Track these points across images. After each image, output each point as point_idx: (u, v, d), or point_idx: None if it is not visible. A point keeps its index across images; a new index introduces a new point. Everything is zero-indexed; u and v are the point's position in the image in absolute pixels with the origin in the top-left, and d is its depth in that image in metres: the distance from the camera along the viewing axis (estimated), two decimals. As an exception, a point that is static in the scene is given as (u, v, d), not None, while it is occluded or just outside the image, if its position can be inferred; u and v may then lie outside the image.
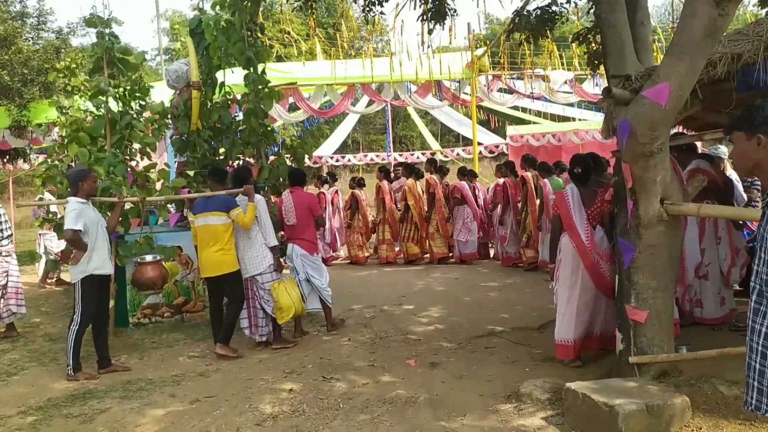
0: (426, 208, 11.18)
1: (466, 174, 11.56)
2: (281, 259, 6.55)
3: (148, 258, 6.46)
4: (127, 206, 6.91)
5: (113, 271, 6.60)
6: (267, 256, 6.18)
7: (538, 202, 9.87)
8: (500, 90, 14.68)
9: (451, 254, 11.34)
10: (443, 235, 11.14)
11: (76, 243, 5.39)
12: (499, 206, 10.86)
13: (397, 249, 11.60)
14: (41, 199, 9.36)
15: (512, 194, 10.49)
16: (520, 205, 10.36)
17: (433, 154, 23.99)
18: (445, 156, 23.81)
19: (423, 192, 11.36)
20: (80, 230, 5.40)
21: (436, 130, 34.66)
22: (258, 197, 6.24)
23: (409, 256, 11.39)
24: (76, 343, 5.49)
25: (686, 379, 4.26)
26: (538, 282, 9.08)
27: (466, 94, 14.75)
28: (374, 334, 6.59)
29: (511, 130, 19.03)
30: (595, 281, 5.02)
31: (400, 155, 24.42)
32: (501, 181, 10.85)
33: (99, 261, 5.56)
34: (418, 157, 23.61)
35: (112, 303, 6.66)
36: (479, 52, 13.71)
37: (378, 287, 9.26)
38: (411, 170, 11.55)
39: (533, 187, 9.96)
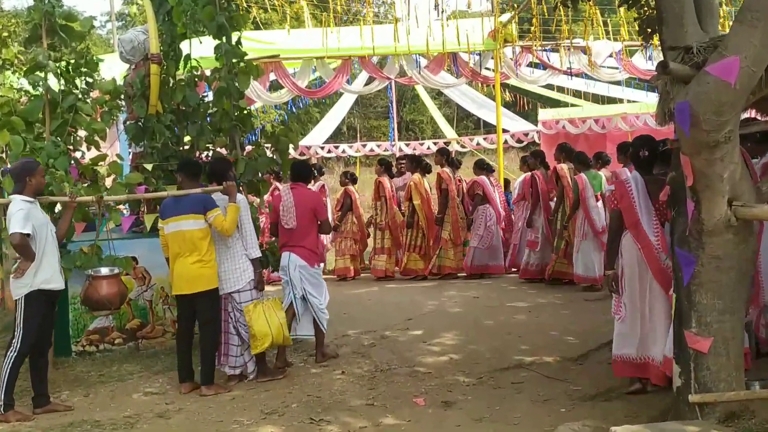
0: (436, 210, 11.20)
1: (485, 167, 11.59)
2: (270, 273, 6.55)
3: (104, 271, 6.47)
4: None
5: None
6: (248, 270, 6.21)
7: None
8: (530, 65, 14.68)
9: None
10: (455, 242, 11.15)
11: (24, 250, 5.41)
12: (525, 205, 10.88)
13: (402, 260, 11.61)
14: None
15: (542, 190, 10.51)
16: (554, 204, 10.36)
17: (447, 143, 24.03)
18: (463, 146, 23.82)
19: (430, 190, 11.38)
20: (29, 234, 5.42)
21: (451, 114, 34.74)
22: (240, 197, 6.28)
23: (406, 270, 11.42)
24: (12, 375, 5.48)
25: (760, 422, 4.24)
26: (576, 301, 9.08)
27: (489, 69, 14.75)
28: (374, 366, 6.58)
29: (544, 114, 19.05)
30: (667, 289, 5.06)
31: (407, 145, 24.43)
32: (528, 174, 10.88)
33: (48, 273, 5.57)
34: (428, 148, 23.63)
35: (51, 326, 6.67)
36: (504, 17, 13.72)
37: (378, 308, 9.26)
38: (417, 163, 11.56)
39: (569, 182, 9.93)
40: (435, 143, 24.15)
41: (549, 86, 18.17)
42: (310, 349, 7.11)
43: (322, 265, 11.58)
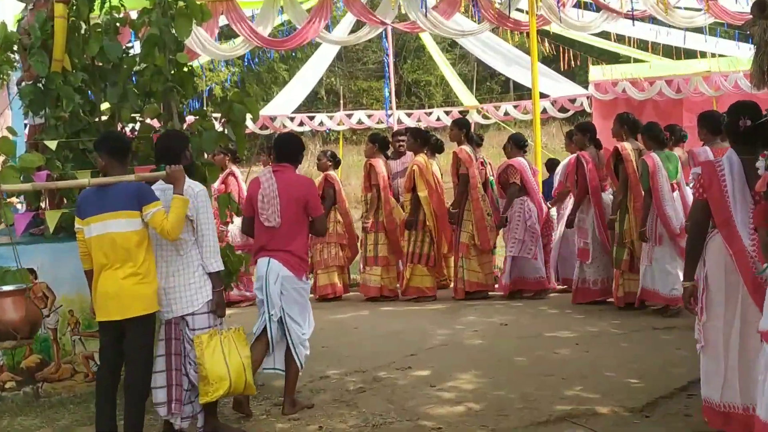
0: (452, 204, 11.23)
1: (521, 146, 11.58)
2: (232, 292, 6.52)
3: (6, 288, 6.45)
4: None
5: None
6: (206, 287, 6.16)
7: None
8: (578, 5, 14.71)
9: (495, 284, 11.40)
10: (482, 248, 11.20)
11: None
12: (570, 198, 10.91)
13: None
14: None
15: (592, 178, 10.41)
16: (613, 197, 10.27)
17: (464, 113, 24.08)
18: (485, 116, 23.92)
19: (441, 176, 11.41)
20: None
21: (470, 73, 34.82)
22: (198, 187, 6.20)
23: (409, 289, 11.47)
24: None
25: None
26: (642, 329, 9.09)
27: (521, 11, 14.77)
28: (363, 420, 6.56)
29: (597, 72, 19.08)
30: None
31: (408, 115, 24.50)
32: (573, 156, 10.88)
33: None
34: (438, 119, 23.71)
35: None
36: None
37: (370, 339, 9.26)
38: (423, 140, 11.56)
39: (635, 167, 9.86)
40: (447, 113, 24.24)
41: (604, 35, 18.22)
42: (275, 394, 7.10)
43: (311, 279, 11.56)
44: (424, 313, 10.56)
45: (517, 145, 11.54)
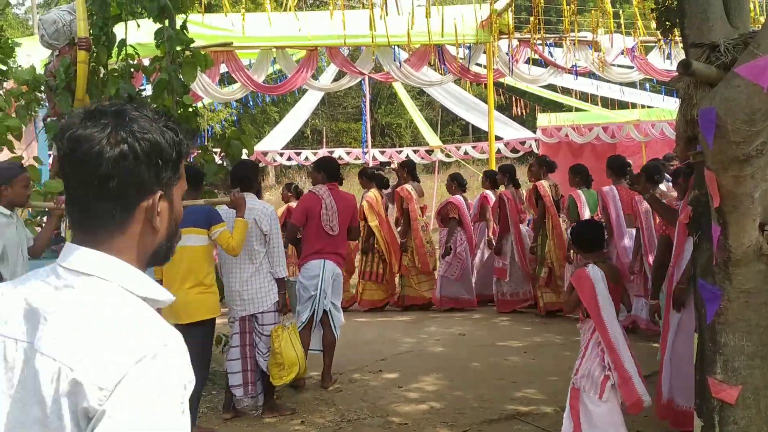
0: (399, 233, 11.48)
1: (462, 184, 11.87)
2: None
3: None
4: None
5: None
6: (273, 290, 6.50)
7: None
8: (528, 61, 14.83)
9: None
10: (422, 270, 11.38)
11: None
12: (481, 227, 11.46)
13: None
14: None
15: (512, 213, 10.72)
16: (532, 227, 10.67)
17: (429, 151, 24.15)
18: (448, 155, 23.97)
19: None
20: None
21: (435, 117, 34.97)
22: (270, 208, 6.52)
23: (363, 301, 11.61)
24: None
25: (795, 486, 4.28)
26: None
27: (480, 65, 14.87)
28: (339, 416, 6.56)
29: (544, 119, 19.24)
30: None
31: (382, 153, 24.53)
32: (486, 192, 11.56)
33: None
34: (407, 156, 23.75)
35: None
36: (499, 5, 13.86)
37: (346, 347, 9.22)
38: (368, 177, 11.68)
39: (552, 200, 10.31)
40: (415, 151, 24.29)
41: (550, 87, 18.35)
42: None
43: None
44: (393, 324, 10.54)
45: (459, 184, 11.70)
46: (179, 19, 8.05)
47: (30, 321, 1.49)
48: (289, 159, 23.16)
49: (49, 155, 8.87)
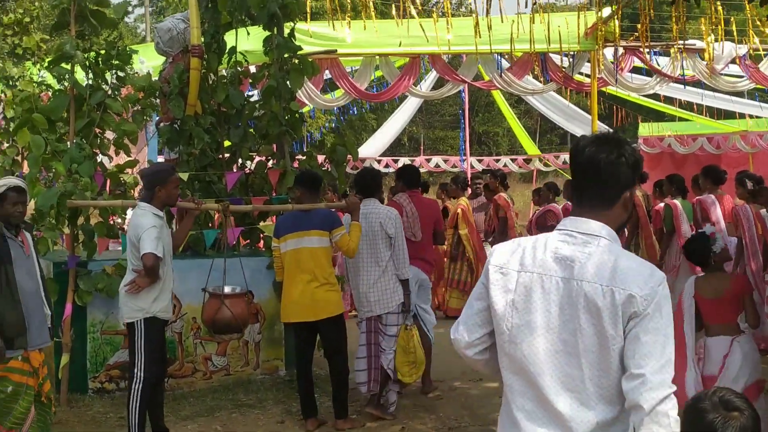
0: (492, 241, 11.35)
1: (558, 193, 11.73)
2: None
3: (227, 289, 6.60)
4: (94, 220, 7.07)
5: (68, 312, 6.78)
6: (398, 292, 6.60)
7: None
8: (633, 70, 14.54)
9: None
10: None
11: (153, 273, 5.62)
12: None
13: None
14: None
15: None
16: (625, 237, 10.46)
17: (527, 160, 23.93)
18: (546, 164, 23.72)
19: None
20: (161, 258, 5.64)
21: (533, 126, 34.64)
22: (394, 212, 6.65)
23: (450, 309, 11.46)
24: (142, 409, 5.69)
25: None
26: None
27: (582, 74, 14.65)
28: (440, 423, 6.53)
29: (646, 129, 18.82)
30: None
31: (480, 161, 24.42)
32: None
33: (165, 301, 5.84)
34: (505, 165, 23.60)
35: (66, 358, 6.82)
36: (605, 12, 13.62)
37: (445, 354, 9.16)
38: (500, 179, 11.72)
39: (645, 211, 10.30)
40: (513, 160, 24.11)
41: (653, 96, 17.96)
42: (362, 398, 7.07)
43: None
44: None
45: (555, 192, 11.60)
46: (287, 28, 8.18)
47: (561, 264, 2.36)
48: (387, 166, 23.19)
49: (161, 159, 9.09)
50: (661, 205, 9.85)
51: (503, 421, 2.46)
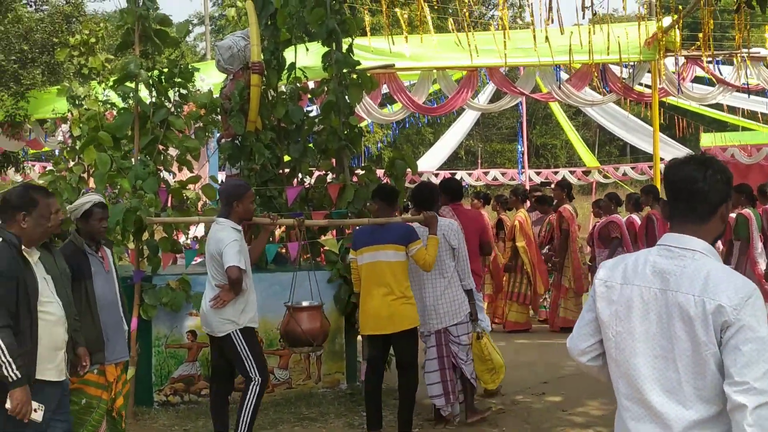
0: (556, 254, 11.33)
1: (620, 203, 11.53)
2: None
3: (305, 303, 6.69)
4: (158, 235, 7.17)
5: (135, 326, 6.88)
6: (465, 302, 6.64)
7: None
8: (695, 79, 14.32)
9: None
10: (576, 291, 11.20)
11: (237, 286, 5.77)
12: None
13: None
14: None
15: (660, 230, 10.23)
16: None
17: (586, 172, 23.71)
18: (606, 176, 23.47)
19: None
20: (245, 270, 5.79)
21: (592, 137, 34.31)
22: (456, 225, 6.69)
23: (509, 322, 11.37)
24: (255, 411, 5.89)
25: None
26: None
27: (643, 85, 14.48)
28: (504, 438, 6.49)
29: (708, 138, 18.51)
30: None
31: (538, 173, 24.28)
32: (631, 215, 11.01)
33: (253, 311, 5.98)
34: (563, 177, 23.41)
35: (132, 371, 6.90)
36: (666, 22, 13.44)
37: (506, 367, 9.11)
38: (567, 190, 11.68)
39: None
40: (572, 172, 23.91)
41: (716, 106, 17.69)
42: (425, 411, 7.05)
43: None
44: (553, 346, 10.32)
45: (617, 203, 11.41)
46: (345, 43, 8.22)
47: (658, 276, 2.58)
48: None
49: (222, 174, 9.20)
50: (732, 215, 9.65)
51: (617, 422, 2.70)
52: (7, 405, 4.02)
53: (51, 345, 4.33)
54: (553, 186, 13.67)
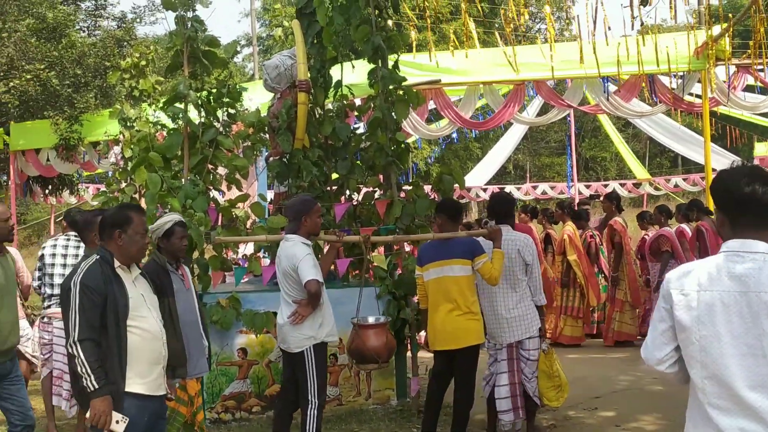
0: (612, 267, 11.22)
1: (670, 216, 11.35)
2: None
3: (371, 320, 6.73)
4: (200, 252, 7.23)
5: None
6: (536, 317, 6.61)
7: None
8: (746, 88, 14.07)
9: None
10: (632, 304, 11.10)
11: (316, 299, 5.86)
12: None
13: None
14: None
15: (711, 241, 10.06)
16: None
17: (637, 185, 23.42)
18: (657, 188, 23.17)
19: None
20: (323, 283, 5.87)
21: (642, 149, 33.90)
22: (529, 239, 6.66)
23: (563, 336, 11.26)
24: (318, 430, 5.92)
25: None
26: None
27: (691, 95, 14.26)
28: (557, 453, 6.41)
29: (763, 148, 18.19)
30: None
31: (587, 187, 24.05)
32: (685, 226, 10.89)
33: (330, 324, 6.04)
34: (613, 190, 23.18)
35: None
36: (715, 31, 13.25)
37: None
38: (616, 202, 11.60)
39: None
40: (622, 184, 23.64)
41: (767, 115, 17.39)
42: (472, 427, 7.00)
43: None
44: (606, 360, 10.20)
45: (668, 215, 11.27)
46: (391, 59, 8.25)
47: (736, 281, 2.71)
48: (493, 195, 23.18)
49: (271, 192, 9.27)
50: None
51: (695, 420, 2.83)
52: (87, 414, 4.12)
53: (146, 359, 4.44)
54: (601, 198, 13.59)
